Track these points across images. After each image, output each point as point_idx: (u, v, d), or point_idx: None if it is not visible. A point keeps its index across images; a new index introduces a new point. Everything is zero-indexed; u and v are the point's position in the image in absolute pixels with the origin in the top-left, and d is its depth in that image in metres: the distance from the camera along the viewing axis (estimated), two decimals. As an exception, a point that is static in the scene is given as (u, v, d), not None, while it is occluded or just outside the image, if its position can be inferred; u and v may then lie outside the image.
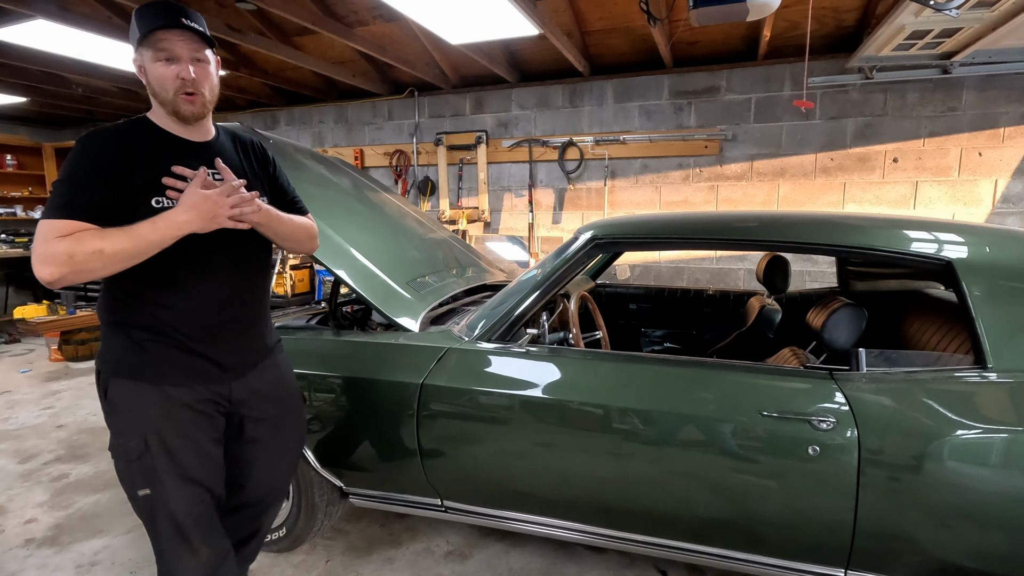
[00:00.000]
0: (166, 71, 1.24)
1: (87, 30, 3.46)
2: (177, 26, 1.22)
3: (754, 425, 1.58)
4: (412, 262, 2.74)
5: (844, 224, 1.75)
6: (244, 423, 1.51)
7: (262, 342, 1.54)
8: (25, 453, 3.30)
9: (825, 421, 1.51)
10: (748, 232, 1.79)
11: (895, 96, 3.79)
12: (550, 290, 1.96)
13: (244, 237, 1.39)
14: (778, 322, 2.65)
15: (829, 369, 1.62)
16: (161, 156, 1.27)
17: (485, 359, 1.91)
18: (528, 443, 1.80)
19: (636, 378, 1.74)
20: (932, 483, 1.44)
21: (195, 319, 1.35)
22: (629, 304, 3.46)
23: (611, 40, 4.20)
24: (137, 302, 1.32)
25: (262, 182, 1.49)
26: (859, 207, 3.97)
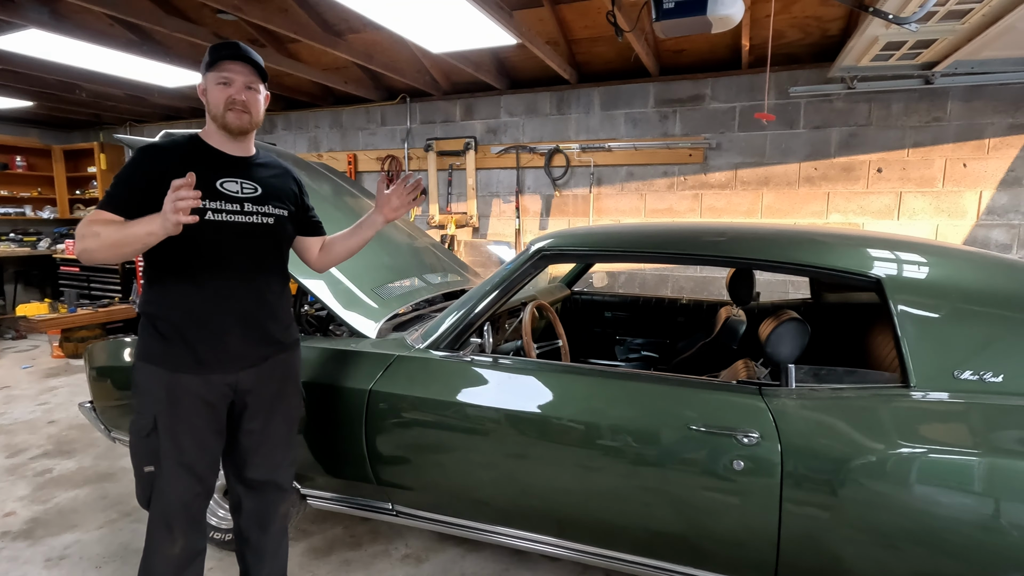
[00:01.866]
0: (221, 92, 1.50)
1: (85, 40, 3.57)
2: (239, 58, 1.51)
3: (683, 439, 1.59)
4: (382, 268, 2.79)
5: (781, 239, 1.76)
6: (244, 413, 1.64)
7: (276, 338, 1.68)
8: (14, 448, 3.42)
9: (749, 436, 1.52)
10: (685, 246, 1.80)
11: (880, 106, 3.76)
12: (498, 300, 1.99)
13: (260, 238, 1.59)
14: (742, 333, 2.65)
15: (758, 384, 1.63)
16: (195, 164, 1.46)
17: (431, 367, 1.95)
18: (470, 451, 1.84)
19: (572, 389, 1.77)
20: (853, 501, 1.44)
21: (209, 312, 1.53)
22: (605, 312, 3.48)
23: (597, 48, 4.22)
24: (162, 296, 1.53)
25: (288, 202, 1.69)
26: (843, 217, 3.94)
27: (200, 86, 1.56)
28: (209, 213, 1.49)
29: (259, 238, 1.59)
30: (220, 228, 1.52)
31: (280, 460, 1.75)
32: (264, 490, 1.74)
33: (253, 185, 1.59)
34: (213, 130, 1.56)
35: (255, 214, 1.58)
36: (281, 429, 1.73)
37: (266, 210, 1.61)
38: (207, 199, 1.49)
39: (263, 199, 1.60)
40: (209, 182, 1.50)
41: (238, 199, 1.55)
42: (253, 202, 1.58)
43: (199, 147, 1.56)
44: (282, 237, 1.68)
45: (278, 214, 1.64)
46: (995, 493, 1.33)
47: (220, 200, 1.52)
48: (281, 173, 1.72)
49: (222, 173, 1.54)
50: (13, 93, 5.49)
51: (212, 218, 1.50)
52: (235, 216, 1.54)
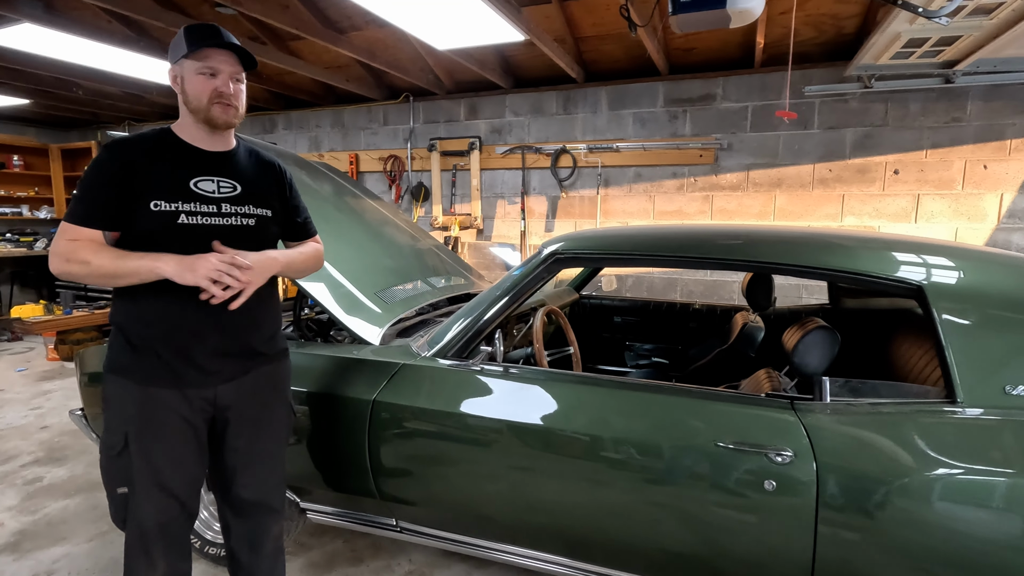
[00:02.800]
0: (206, 84, 1.36)
1: (81, 35, 3.47)
2: (224, 46, 1.36)
3: (709, 456, 1.49)
4: (384, 271, 2.69)
5: (813, 243, 1.66)
6: (227, 430, 1.52)
7: (258, 349, 1.54)
8: (5, 454, 3.31)
9: (781, 455, 1.42)
10: (708, 250, 1.70)
11: (896, 106, 3.66)
12: (509, 305, 1.89)
13: (240, 243, 1.43)
14: (760, 340, 2.55)
15: (790, 398, 1.52)
16: (165, 160, 1.38)
17: (437, 377, 1.85)
18: (480, 466, 1.74)
19: (589, 400, 1.66)
20: (895, 525, 1.34)
21: (183, 323, 1.40)
22: (614, 317, 3.38)
23: (605, 47, 4.13)
24: (135, 305, 1.40)
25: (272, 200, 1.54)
26: (858, 220, 3.84)
27: (173, 73, 1.40)
28: (182, 216, 1.36)
29: (238, 242, 1.43)
30: (194, 232, 1.37)
31: (269, 479, 1.62)
32: (254, 512, 1.61)
33: (231, 183, 1.45)
34: (189, 123, 1.42)
35: (233, 215, 1.43)
36: (268, 446, 1.60)
37: (246, 211, 1.46)
38: (180, 200, 1.36)
39: (242, 199, 1.46)
40: (181, 181, 1.37)
41: (214, 199, 1.41)
42: (231, 202, 1.44)
43: (170, 142, 1.41)
44: (264, 240, 1.52)
45: (260, 215, 1.49)
46: (1053, 520, 1.23)
47: (194, 201, 1.38)
48: (264, 168, 1.56)
49: (196, 171, 1.40)
50: (10, 91, 5.40)
51: (185, 221, 1.36)
52: (210, 219, 1.39)
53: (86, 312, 5.14)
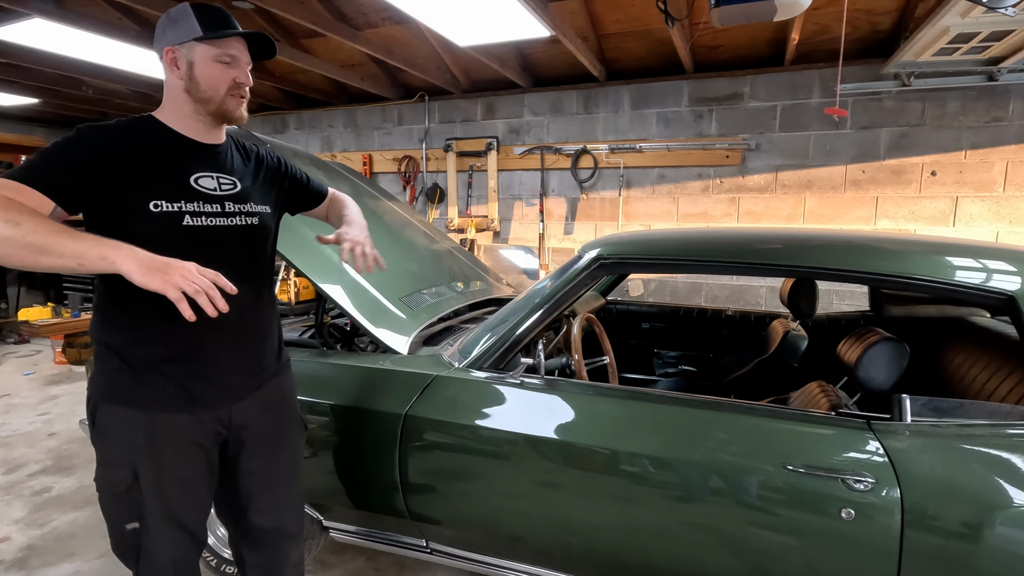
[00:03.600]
0: (225, 73, 1.23)
1: (92, 31, 3.38)
2: (244, 34, 1.24)
3: (777, 479, 1.37)
4: (408, 276, 2.57)
5: (883, 249, 1.53)
6: (241, 452, 1.38)
7: (267, 362, 1.42)
8: (12, 463, 3.21)
9: (862, 480, 1.29)
10: (773, 256, 1.58)
11: (934, 104, 3.53)
12: (550, 314, 1.77)
13: (246, 244, 1.33)
14: (804, 350, 2.42)
15: (866, 417, 1.40)
16: (168, 158, 1.22)
17: (475, 390, 1.72)
18: (521, 486, 1.61)
19: (642, 417, 1.54)
20: (987, 559, 1.21)
21: (193, 338, 1.25)
22: (642, 323, 3.25)
23: (628, 44, 4.01)
24: (131, 320, 1.22)
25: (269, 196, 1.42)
26: (893, 223, 3.70)
27: (175, 55, 1.21)
28: (187, 218, 1.20)
29: (244, 244, 1.31)
30: (199, 235, 1.22)
31: (287, 502, 1.49)
32: (272, 540, 1.48)
33: (231, 179, 1.30)
34: (187, 113, 1.24)
35: (237, 215, 1.29)
36: (285, 466, 1.47)
37: (248, 208, 1.32)
38: (183, 200, 1.20)
39: (244, 195, 1.32)
40: (182, 178, 1.22)
41: (217, 198, 1.26)
42: (234, 200, 1.29)
43: (161, 133, 1.24)
44: (268, 239, 1.41)
45: (261, 211, 1.36)
46: None
47: (197, 200, 1.22)
48: (256, 161, 1.43)
49: (195, 167, 1.24)
50: (18, 89, 5.32)
51: (190, 223, 1.21)
52: (216, 219, 1.25)
53: (94, 315, 5.05)
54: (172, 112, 1.25)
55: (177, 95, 1.24)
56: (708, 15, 2.92)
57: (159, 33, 1.23)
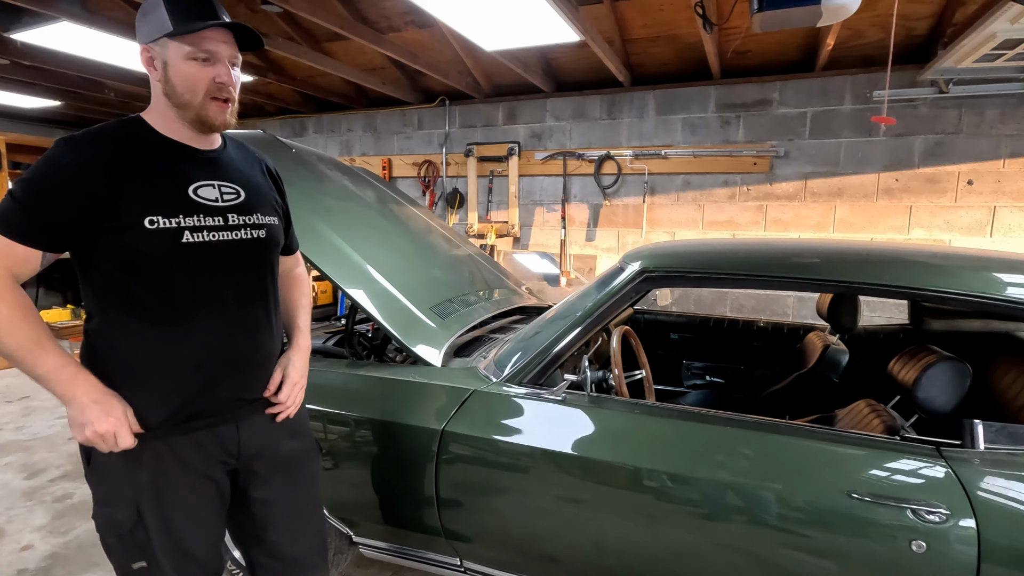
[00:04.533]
0: (201, 72, 1.07)
1: (115, 33, 3.38)
2: (223, 25, 1.07)
3: (842, 508, 1.30)
4: (436, 284, 2.53)
5: (967, 266, 1.46)
6: (253, 482, 1.28)
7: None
8: (33, 467, 3.19)
9: (934, 511, 1.22)
10: (838, 271, 1.51)
11: (971, 112, 3.44)
12: (591, 328, 1.71)
13: (252, 259, 1.21)
14: (845, 365, 2.34)
15: (935, 443, 1.33)
16: (163, 167, 1.09)
17: (515, 406, 1.67)
18: (563, 506, 1.55)
19: (694, 439, 1.47)
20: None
21: (198, 359, 1.15)
22: (670, 333, 3.18)
23: (654, 49, 3.95)
24: (128, 341, 1.10)
25: (275, 205, 1.31)
26: (927, 232, 3.61)
27: (149, 55, 1.09)
28: (186, 234, 1.08)
29: (251, 260, 1.20)
30: (202, 252, 1.11)
31: (307, 531, 1.38)
32: (292, 572, 1.37)
33: (234, 188, 1.18)
34: (172, 118, 1.11)
35: (242, 227, 1.18)
36: (303, 494, 1.36)
37: (255, 220, 1.20)
38: (181, 214, 1.08)
39: (248, 206, 1.20)
40: (180, 189, 1.09)
41: (219, 209, 1.14)
42: (238, 211, 1.17)
43: (152, 139, 1.11)
44: (276, 253, 1.30)
45: (268, 223, 1.24)
46: None
47: (197, 214, 1.10)
48: (260, 167, 1.32)
49: (193, 176, 1.12)
50: (41, 92, 5.35)
51: (191, 239, 1.09)
52: (219, 233, 1.13)
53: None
54: (159, 115, 1.12)
55: (159, 98, 1.11)
56: (742, 20, 2.86)
57: (137, 29, 1.09)
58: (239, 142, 1.31)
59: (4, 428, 3.74)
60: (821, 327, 2.84)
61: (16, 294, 1.00)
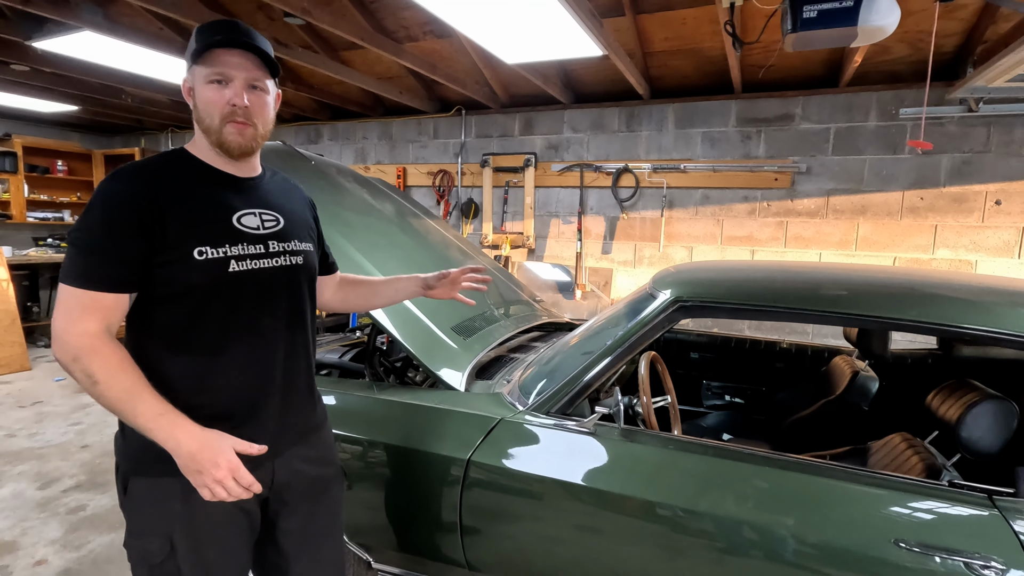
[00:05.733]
0: (216, 95, 1.09)
1: (135, 43, 3.38)
2: (237, 45, 1.08)
3: (887, 557, 1.25)
4: (456, 303, 2.49)
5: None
6: (282, 511, 1.27)
7: (310, 414, 1.33)
8: (46, 477, 3.18)
9: (990, 566, 1.17)
10: (882, 306, 1.45)
11: (1001, 131, 3.38)
12: (621, 359, 1.67)
13: (291, 286, 1.22)
14: (875, 393, 2.29)
15: (987, 492, 1.28)
16: (208, 197, 1.12)
17: (544, 437, 1.63)
18: (593, 542, 1.51)
19: (731, 478, 1.43)
20: None
21: (235, 392, 1.15)
22: (690, 353, 3.13)
23: (675, 62, 3.91)
24: (164, 374, 1.08)
25: (311, 231, 1.33)
26: (953, 253, 3.54)
27: (186, 83, 1.13)
28: (232, 263, 1.10)
29: (289, 287, 1.21)
30: (245, 280, 1.12)
31: (326, 560, 1.38)
32: None
33: (273, 216, 1.20)
34: (207, 146, 1.14)
35: (282, 254, 1.19)
36: (325, 522, 1.36)
37: (292, 247, 1.22)
38: (227, 244, 1.10)
39: (287, 233, 1.22)
40: (225, 219, 1.11)
41: (260, 237, 1.16)
42: (277, 238, 1.19)
43: (196, 168, 1.14)
44: (312, 279, 1.31)
45: (305, 250, 1.26)
46: None
47: (241, 243, 1.12)
48: (295, 193, 1.34)
49: (235, 204, 1.14)
50: (60, 97, 5.37)
51: (236, 268, 1.11)
52: (260, 261, 1.15)
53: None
54: (198, 144, 1.15)
55: (198, 127, 1.14)
56: (767, 35, 2.82)
57: None
58: (274, 169, 1.32)
59: (17, 435, 3.73)
60: (846, 350, 2.78)
61: (112, 347, 1.01)
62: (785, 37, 2.19)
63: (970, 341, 2.25)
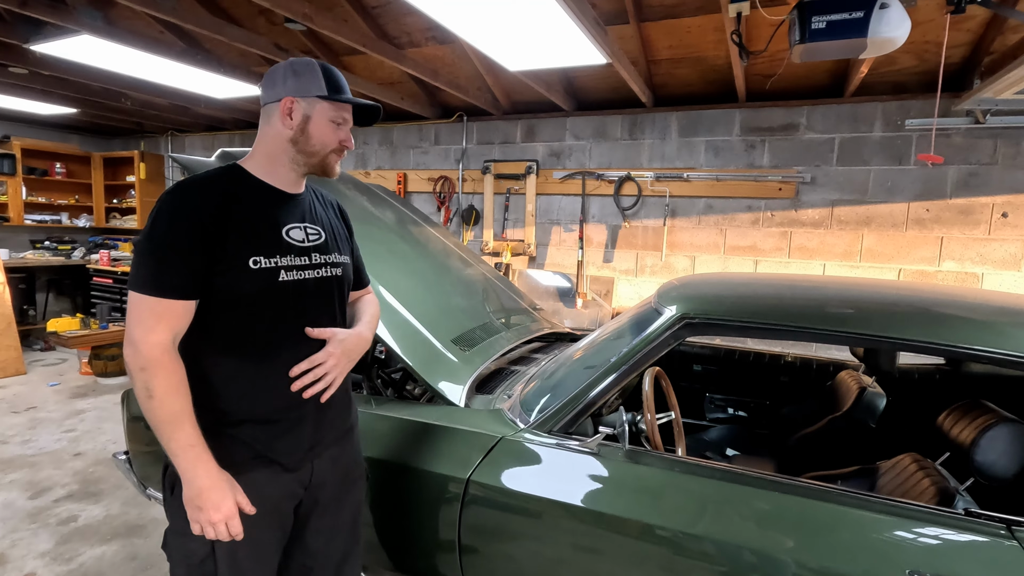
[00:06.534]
0: (335, 133, 1.26)
1: (135, 47, 3.34)
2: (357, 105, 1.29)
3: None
4: (457, 313, 2.45)
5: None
6: (313, 512, 1.36)
7: (346, 417, 1.43)
8: (38, 486, 3.13)
9: (1010, 601, 1.13)
10: (896, 327, 1.41)
11: (1008, 143, 3.34)
12: (626, 376, 1.63)
13: (330, 296, 1.33)
14: (883, 410, 2.24)
15: (1006, 522, 1.23)
16: (262, 211, 1.22)
17: (546, 457, 1.58)
18: (595, 566, 1.47)
19: (737, 503, 1.38)
20: None
21: (280, 394, 1.23)
22: (693, 365, 3.09)
23: (679, 70, 3.88)
24: (217, 375, 1.19)
25: (348, 244, 1.45)
26: (959, 265, 3.51)
27: (293, 106, 1.22)
28: (282, 273, 1.20)
29: (328, 296, 1.32)
30: (292, 290, 1.22)
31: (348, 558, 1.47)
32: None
33: (317, 230, 1.31)
34: (284, 162, 1.25)
35: (322, 266, 1.30)
36: (348, 521, 1.45)
37: (332, 259, 1.33)
38: (278, 255, 1.20)
39: (327, 246, 1.33)
40: (275, 231, 1.22)
41: (304, 249, 1.26)
42: (319, 251, 1.30)
43: (251, 184, 1.24)
44: (348, 290, 1.42)
45: (343, 262, 1.37)
46: None
47: (289, 254, 1.23)
48: (333, 209, 1.45)
49: (285, 218, 1.25)
50: (59, 100, 5.34)
51: (284, 278, 1.21)
52: (305, 272, 1.25)
53: (122, 327, 5.00)
54: (265, 161, 1.25)
55: (278, 144, 1.24)
56: (774, 45, 2.79)
57: (277, 80, 1.23)
58: (314, 188, 1.42)
59: (10, 442, 3.68)
60: (852, 364, 2.74)
61: (176, 364, 1.11)
62: (793, 48, 2.16)
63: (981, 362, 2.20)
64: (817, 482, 1.38)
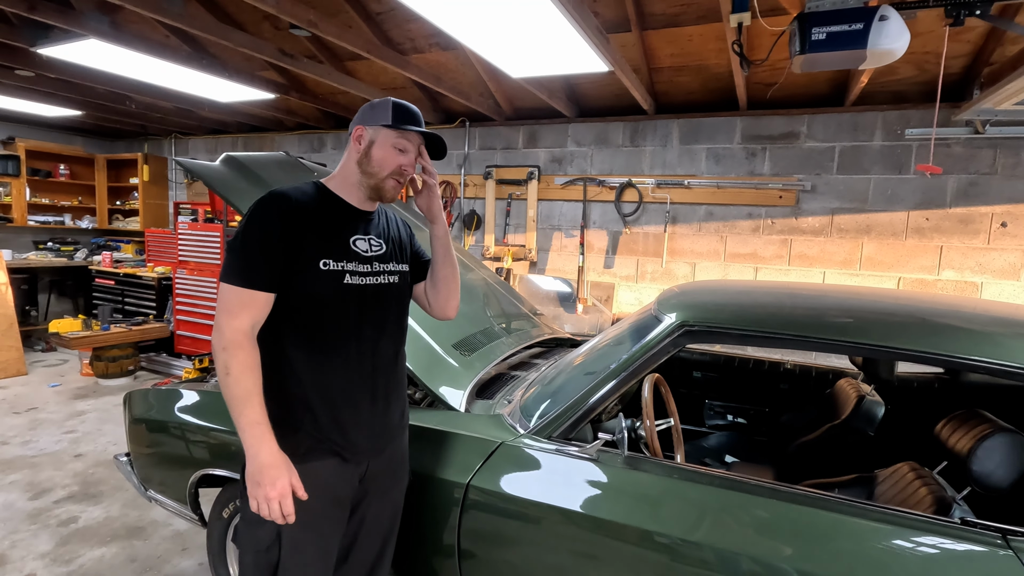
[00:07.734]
0: (395, 158, 1.37)
1: (141, 51, 3.37)
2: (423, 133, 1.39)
3: (898, 597, 1.21)
4: (458, 318, 2.44)
5: None
6: (363, 500, 1.48)
7: (400, 414, 1.54)
8: (38, 487, 3.13)
9: (1005, 611, 1.13)
10: (899, 336, 1.42)
11: (1007, 153, 3.36)
12: (625, 383, 1.64)
13: (389, 301, 1.46)
14: (881, 418, 2.25)
15: (1002, 531, 1.24)
16: (334, 222, 1.37)
17: (545, 463, 1.59)
18: (598, 573, 1.47)
19: (736, 510, 1.39)
20: None
21: (342, 388, 1.37)
22: (693, 372, 3.10)
23: (680, 78, 3.91)
24: (290, 365, 1.33)
25: (407, 255, 1.56)
26: (958, 274, 3.52)
27: (363, 133, 1.39)
28: (347, 276, 1.36)
29: (387, 301, 1.47)
30: (355, 293, 1.38)
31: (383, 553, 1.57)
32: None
33: (380, 242, 1.46)
34: (354, 184, 1.41)
35: (383, 274, 1.44)
36: (389, 516, 1.56)
37: (391, 268, 1.47)
38: (344, 260, 1.36)
39: (388, 256, 1.47)
40: (344, 240, 1.38)
41: (367, 258, 1.41)
42: (380, 260, 1.44)
43: (332, 200, 1.41)
44: (407, 297, 1.57)
45: (401, 271, 1.51)
46: None
47: (354, 261, 1.38)
48: (398, 226, 1.58)
49: (353, 230, 1.41)
50: (64, 103, 5.38)
51: (350, 281, 1.36)
52: (366, 278, 1.40)
53: (124, 328, 5.02)
54: (342, 181, 1.41)
55: (349, 165, 1.40)
56: (775, 54, 2.81)
57: (359, 115, 1.40)
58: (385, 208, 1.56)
59: (10, 442, 3.69)
60: (850, 372, 2.75)
61: (253, 346, 1.25)
62: (793, 58, 2.18)
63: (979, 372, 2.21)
64: (815, 490, 1.39)
